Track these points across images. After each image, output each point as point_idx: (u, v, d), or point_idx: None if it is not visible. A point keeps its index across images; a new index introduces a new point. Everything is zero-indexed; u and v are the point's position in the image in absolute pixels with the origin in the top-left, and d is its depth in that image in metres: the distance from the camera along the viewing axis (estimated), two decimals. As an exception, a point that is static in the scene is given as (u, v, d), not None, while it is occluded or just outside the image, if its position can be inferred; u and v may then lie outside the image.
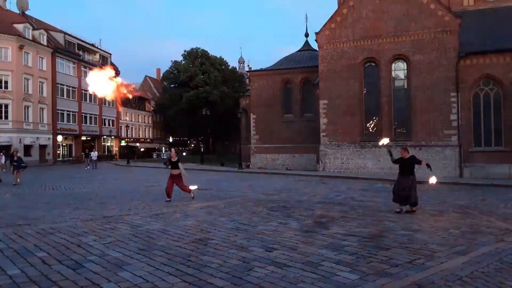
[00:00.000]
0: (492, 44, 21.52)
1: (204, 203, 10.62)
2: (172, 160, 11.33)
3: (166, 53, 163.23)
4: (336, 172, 23.07)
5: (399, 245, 5.97)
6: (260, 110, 30.50)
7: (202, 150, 42.91)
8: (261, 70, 33.11)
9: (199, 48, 58.28)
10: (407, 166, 9.28)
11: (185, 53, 58.35)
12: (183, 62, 57.92)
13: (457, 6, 26.36)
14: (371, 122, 24.07)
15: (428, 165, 9.31)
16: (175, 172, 11.25)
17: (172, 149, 11.43)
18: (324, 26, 24.49)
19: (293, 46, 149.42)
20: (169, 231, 6.99)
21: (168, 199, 10.96)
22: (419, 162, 9.37)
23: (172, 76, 58.35)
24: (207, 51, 58.37)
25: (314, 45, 28.53)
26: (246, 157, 31.60)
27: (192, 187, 11.81)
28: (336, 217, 8.50)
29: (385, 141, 11.08)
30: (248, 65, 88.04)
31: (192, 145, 73.06)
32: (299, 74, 29.92)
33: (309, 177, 21.06)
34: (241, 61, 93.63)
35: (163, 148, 61.22)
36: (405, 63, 23.02)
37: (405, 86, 23.17)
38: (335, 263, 5.02)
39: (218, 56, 60.06)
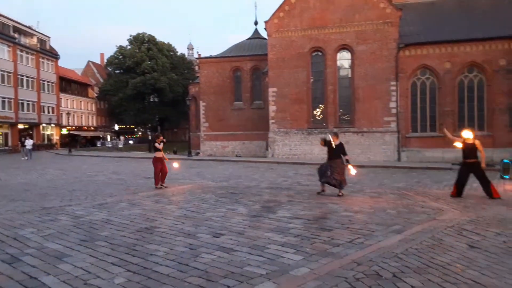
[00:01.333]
0: (429, 36, 22.84)
1: (151, 192, 10.41)
2: (158, 143, 11.46)
3: (111, 38, 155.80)
4: (285, 158, 23.57)
5: (341, 226, 6.26)
6: (209, 97, 30.24)
7: (150, 138, 41.81)
8: (211, 57, 32.70)
9: (145, 33, 56.16)
10: (335, 151, 9.69)
11: (131, 38, 56.02)
12: (128, 47, 55.61)
13: (398, -1, 27.60)
14: (317, 109, 24.76)
15: (347, 161, 9.78)
16: (159, 155, 11.39)
17: (159, 135, 12.14)
18: (273, 14, 24.61)
19: (243, 34, 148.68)
20: (113, 221, 6.79)
21: (159, 186, 11.21)
22: (345, 153, 9.77)
23: (117, 62, 55.83)
24: (154, 37, 56.40)
25: (264, 34, 28.66)
26: (196, 145, 31.32)
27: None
28: (283, 201, 8.72)
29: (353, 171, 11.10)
30: (198, 52, 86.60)
31: (140, 133, 70.94)
32: (249, 62, 29.95)
33: (259, 163, 21.32)
34: (190, 48, 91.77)
35: (108, 136, 58.81)
36: (349, 53, 23.81)
37: (349, 75, 24.02)
38: (281, 245, 5.17)
39: (166, 42, 58.35)
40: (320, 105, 24.59)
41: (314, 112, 24.77)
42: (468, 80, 22.41)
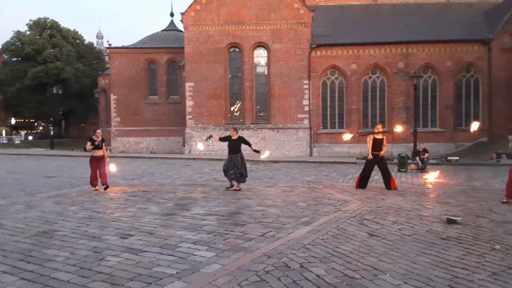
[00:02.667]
0: (338, 38, 24.36)
1: (52, 192, 9.53)
2: (96, 140, 9.94)
3: (6, 21, 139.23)
4: (202, 154, 23.34)
5: (254, 220, 6.36)
6: (121, 90, 28.64)
7: (52, 133, 38.41)
8: (123, 47, 30.93)
9: (48, 18, 51.12)
10: (235, 145, 9.89)
11: (31, 22, 50.56)
12: (28, 33, 50.16)
13: (311, 0, 28.92)
14: (235, 105, 24.95)
15: (255, 150, 10.09)
16: (99, 153, 9.96)
17: (98, 130, 10.53)
18: (189, 7, 24.12)
19: (158, 25, 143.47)
20: (5, 225, 6.06)
21: (95, 188, 9.88)
22: (249, 145, 10.02)
23: (14, 48, 49.97)
24: (58, 22, 51.58)
25: (180, 26, 27.96)
26: (107, 141, 29.44)
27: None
28: (197, 198, 8.60)
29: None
30: (108, 42, 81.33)
31: (41, 128, 64.68)
32: (165, 54, 29.00)
33: (174, 160, 20.84)
34: (99, 36, 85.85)
35: (3, 131, 52.65)
36: (265, 51, 24.37)
37: (266, 73, 24.60)
38: (193, 243, 5.07)
39: (72, 29, 53.80)
40: (238, 101, 24.81)
41: (232, 108, 24.92)
42: (371, 80, 24.41)
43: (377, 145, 10.10)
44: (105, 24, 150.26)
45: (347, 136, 11.62)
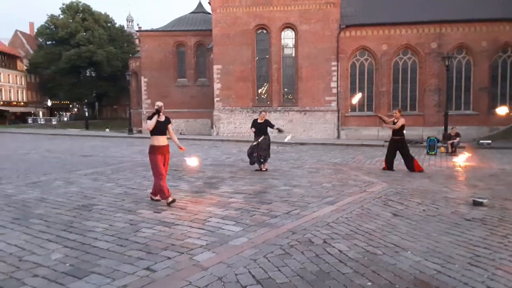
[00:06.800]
0: (368, 18, 23.76)
1: (89, 170, 10.06)
2: (160, 119, 6.37)
3: (41, 5, 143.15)
4: (229, 136, 23.67)
5: (279, 199, 6.57)
6: (151, 73, 29.24)
7: (87, 115, 39.79)
8: (152, 30, 31.46)
9: (80, 2, 52.31)
10: (262, 128, 10.06)
11: (64, 6, 51.91)
12: (61, 16, 51.56)
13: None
14: (262, 88, 24.99)
15: (278, 129, 10.17)
16: (163, 142, 6.32)
17: (159, 103, 6.35)
18: (217, -12, 24.11)
19: (186, 7, 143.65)
20: (47, 199, 6.54)
21: (169, 200, 6.09)
22: (272, 126, 10.15)
23: (49, 32, 51.62)
24: (89, 6, 52.69)
25: (208, 8, 28.03)
26: (138, 123, 30.35)
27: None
28: (225, 177, 8.88)
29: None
30: (138, 25, 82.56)
31: (75, 110, 67.02)
32: (193, 37, 29.24)
33: (203, 141, 21.26)
34: (129, 20, 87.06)
35: (41, 112, 55.00)
36: (293, 32, 24.13)
37: (293, 55, 24.41)
38: (221, 218, 5.34)
39: (103, 13, 54.84)
40: (265, 84, 24.83)
41: (259, 91, 24.99)
42: (402, 62, 23.79)
43: (397, 129, 10.03)
44: (135, 7, 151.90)
45: (355, 99, 11.50)
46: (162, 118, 6.40)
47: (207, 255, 3.97)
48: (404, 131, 10.20)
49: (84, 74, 53.49)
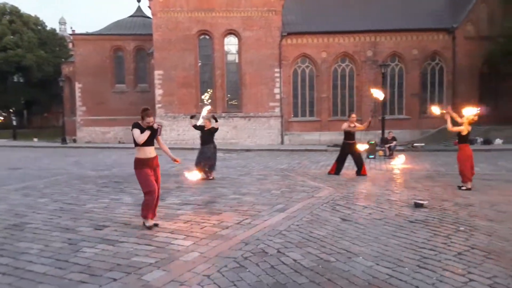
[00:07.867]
0: (308, 26, 24.49)
1: (19, 184, 9.19)
2: (153, 127, 5.37)
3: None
4: (173, 144, 23.03)
5: (230, 209, 6.42)
6: (87, 78, 27.71)
7: (14, 124, 36.76)
8: (87, 34, 29.93)
9: (7, 4, 48.37)
10: (208, 136, 9.97)
11: (-12, 7, 47.71)
12: (-15, 18, 47.31)
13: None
14: (206, 94, 24.69)
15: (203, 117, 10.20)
16: (150, 154, 5.35)
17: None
18: (157, -8, 23.52)
19: (124, 11, 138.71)
20: (-30, 220, 5.83)
21: (150, 223, 5.33)
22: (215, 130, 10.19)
23: (-29, 34, 47.13)
24: (17, 8, 48.95)
25: (148, 12, 27.23)
26: (72, 131, 28.59)
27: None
28: (171, 188, 8.55)
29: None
30: (72, 28, 77.97)
31: (2, 118, 61.65)
32: (132, 41, 28.22)
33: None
34: (62, 22, 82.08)
35: (-39, 122, 49.76)
36: (236, 38, 24.19)
37: (237, 61, 24.46)
38: (170, 232, 5.08)
39: (33, 15, 51.15)
40: (209, 90, 24.57)
41: (203, 97, 24.65)
42: (341, 69, 24.80)
43: (350, 133, 10.39)
44: (68, 10, 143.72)
45: (377, 94, 10.92)
46: (155, 126, 5.31)
47: (157, 273, 3.72)
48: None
49: (11, 80, 49.42)
